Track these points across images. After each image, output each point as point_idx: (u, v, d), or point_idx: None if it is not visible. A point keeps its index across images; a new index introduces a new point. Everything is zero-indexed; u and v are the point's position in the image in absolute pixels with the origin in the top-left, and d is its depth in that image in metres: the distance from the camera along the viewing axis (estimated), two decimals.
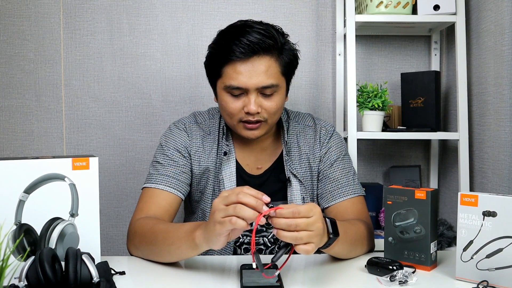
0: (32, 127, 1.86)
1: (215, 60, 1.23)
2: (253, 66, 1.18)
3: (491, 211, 0.96)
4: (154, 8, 1.85)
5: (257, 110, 1.20)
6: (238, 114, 1.22)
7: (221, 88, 1.23)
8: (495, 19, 1.48)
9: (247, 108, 1.20)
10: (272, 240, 1.33)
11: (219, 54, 1.21)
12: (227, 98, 1.22)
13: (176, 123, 1.36)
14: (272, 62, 1.20)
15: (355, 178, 1.31)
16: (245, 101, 1.21)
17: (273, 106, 1.22)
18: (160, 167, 1.28)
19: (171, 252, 1.06)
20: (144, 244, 1.13)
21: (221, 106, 1.26)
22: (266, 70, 1.19)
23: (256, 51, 1.17)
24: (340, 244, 1.05)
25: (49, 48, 1.84)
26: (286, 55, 1.23)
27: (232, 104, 1.22)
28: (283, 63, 1.23)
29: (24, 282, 0.86)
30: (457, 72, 1.64)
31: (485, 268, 0.97)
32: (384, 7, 1.64)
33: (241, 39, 1.17)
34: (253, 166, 1.34)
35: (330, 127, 1.38)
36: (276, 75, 1.21)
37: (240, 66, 1.18)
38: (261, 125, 1.24)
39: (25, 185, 0.99)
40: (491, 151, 1.51)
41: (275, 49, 1.20)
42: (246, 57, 1.17)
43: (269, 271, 0.95)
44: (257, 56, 1.18)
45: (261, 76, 1.18)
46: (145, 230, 1.13)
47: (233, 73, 1.19)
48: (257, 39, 1.17)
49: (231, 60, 1.18)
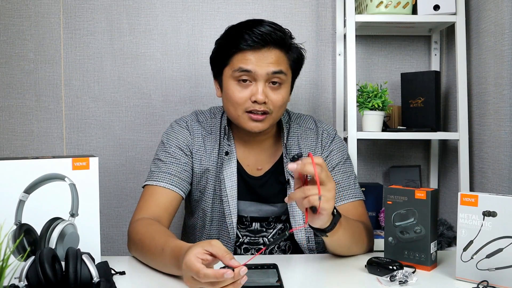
0: (32, 127, 1.86)
1: (224, 50, 1.24)
2: (263, 56, 1.20)
3: (491, 211, 0.96)
4: (154, 8, 1.85)
5: (264, 100, 1.20)
6: (244, 103, 1.22)
7: (229, 76, 1.23)
8: (495, 19, 1.48)
9: (254, 97, 1.20)
10: (272, 240, 1.33)
11: (230, 43, 1.22)
12: (234, 87, 1.22)
13: (178, 121, 1.36)
14: (282, 55, 1.23)
15: (356, 183, 1.31)
16: (253, 90, 1.21)
17: (279, 99, 1.23)
18: (161, 164, 1.27)
19: (160, 269, 1.06)
20: (136, 251, 1.14)
21: (227, 96, 1.24)
22: (276, 59, 1.21)
23: (268, 42, 1.19)
24: (343, 231, 1.07)
25: (49, 48, 1.84)
26: (294, 52, 1.26)
27: (239, 93, 1.22)
28: (292, 58, 1.25)
29: (24, 282, 0.86)
30: (457, 72, 1.64)
31: (485, 268, 0.97)
32: (384, 7, 1.64)
33: (253, 30, 1.19)
34: (253, 167, 1.34)
35: (332, 131, 1.37)
36: (285, 65, 1.23)
37: (250, 54, 1.20)
38: (266, 117, 1.23)
39: (25, 185, 0.99)
40: (491, 151, 1.51)
41: (284, 44, 1.22)
42: (258, 47, 1.19)
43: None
44: (267, 48, 1.20)
45: (271, 64, 1.20)
46: (136, 239, 1.13)
47: (243, 59, 1.20)
48: (269, 31, 1.19)
49: (242, 49, 1.20)
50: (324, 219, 0.99)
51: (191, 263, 0.86)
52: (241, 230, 1.33)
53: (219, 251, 0.86)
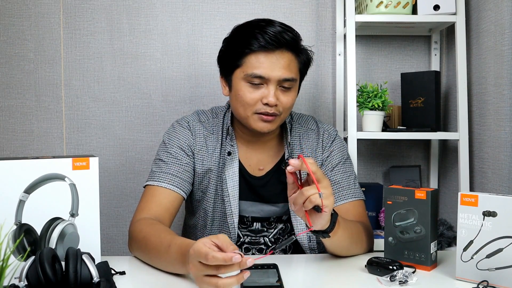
0: (32, 127, 1.86)
1: (235, 50, 1.23)
2: (277, 59, 1.20)
3: (491, 211, 0.96)
4: (154, 8, 1.85)
5: (276, 102, 1.21)
6: (255, 105, 1.22)
7: (240, 78, 1.22)
8: (495, 19, 1.48)
9: (266, 99, 1.20)
10: (272, 239, 1.33)
11: (241, 44, 1.21)
12: (245, 88, 1.22)
13: (179, 121, 1.35)
14: (293, 58, 1.23)
15: (356, 183, 1.31)
16: (264, 93, 1.21)
17: (289, 101, 1.24)
18: (163, 165, 1.27)
19: (164, 267, 1.06)
20: (139, 250, 1.14)
21: (237, 97, 1.24)
22: (288, 64, 1.21)
23: (282, 43, 1.19)
24: (342, 232, 1.07)
25: (49, 48, 1.84)
26: (304, 55, 1.27)
27: (250, 94, 1.22)
28: (302, 61, 1.26)
29: (24, 282, 0.86)
30: (457, 72, 1.64)
31: (485, 268, 0.97)
32: (384, 7, 1.64)
33: (266, 30, 1.18)
34: (255, 167, 1.34)
35: (333, 131, 1.38)
36: (296, 70, 1.24)
37: (263, 57, 1.19)
38: (275, 119, 1.24)
39: (25, 185, 0.99)
40: (491, 151, 1.51)
41: (296, 46, 1.23)
42: (271, 49, 1.19)
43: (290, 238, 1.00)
44: (280, 51, 1.20)
45: (284, 69, 1.20)
46: (140, 237, 1.13)
47: (256, 62, 1.20)
48: (281, 32, 1.19)
49: (254, 51, 1.19)
50: (326, 218, 0.99)
51: (199, 248, 0.86)
52: (242, 230, 1.33)
53: (225, 243, 0.87)
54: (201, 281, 0.88)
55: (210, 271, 0.86)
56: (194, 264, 0.88)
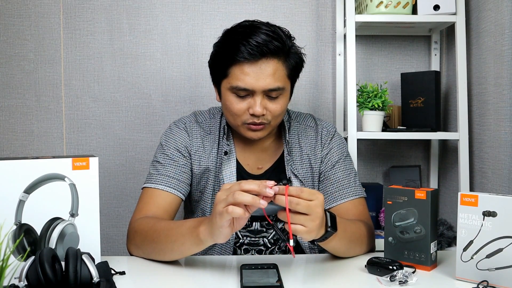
0: (32, 127, 1.86)
1: (221, 60, 1.22)
2: (260, 69, 1.17)
3: (491, 211, 0.96)
4: (154, 8, 1.85)
5: (263, 112, 1.19)
6: (243, 115, 1.22)
7: (226, 88, 1.22)
8: (495, 19, 1.48)
9: (252, 110, 1.19)
10: (272, 241, 1.33)
11: (226, 54, 1.19)
12: (232, 99, 1.21)
13: (176, 123, 1.36)
14: (280, 65, 1.19)
15: (356, 180, 1.31)
16: (250, 103, 1.20)
17: (278, 108, 1.22)
18: (160, 167, 1.27)
19: (174, 249, 1.06)
20: (146, 243, 1.12)
21: (225, 106, 1.24)
22: (273, 73, 1.18)
23: (265, 53, 1.16)
24: (338, 240, 1.06)
25: (49, 48, 1.84)
26: (293, 58, 1.22)
27: (237, 105, 1.21)
28: (290, 66, 1.22)
29: (24, 282, 0.86)
30: (457, 72, 1.64)
31: (485, 268, 0.97)
32: (384, 7, 1.64)
33: (249, 40, 1.15)
34: (253, 166, 1.34)
35: (332, 128, 1.37)
36: (283, 78, 1.21)
37: (247, 67, 1.17)
38: (265, 127, 1.24)
39: (25, 185, 0.99)
40: (491, 151, 1.51)
41: (282, 52, 1.19)
42: (254, 59, 1.16)
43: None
44: (265, 59, 1.17)
45: (268, 78, 1.17)
46: (147, 228, 1.13)
47: (240, 74, 1.18)
48: (266, 41, 1.15)
49: (239, 61, 1.17)
50: (311, 236, 0.94)
51: (229, 184, 0.93)
52: (241, 231, 1.33)
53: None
54: (221, 213, 0.90)
55: (236, 198, 0.88)
56: (219, 200, 0.91)
